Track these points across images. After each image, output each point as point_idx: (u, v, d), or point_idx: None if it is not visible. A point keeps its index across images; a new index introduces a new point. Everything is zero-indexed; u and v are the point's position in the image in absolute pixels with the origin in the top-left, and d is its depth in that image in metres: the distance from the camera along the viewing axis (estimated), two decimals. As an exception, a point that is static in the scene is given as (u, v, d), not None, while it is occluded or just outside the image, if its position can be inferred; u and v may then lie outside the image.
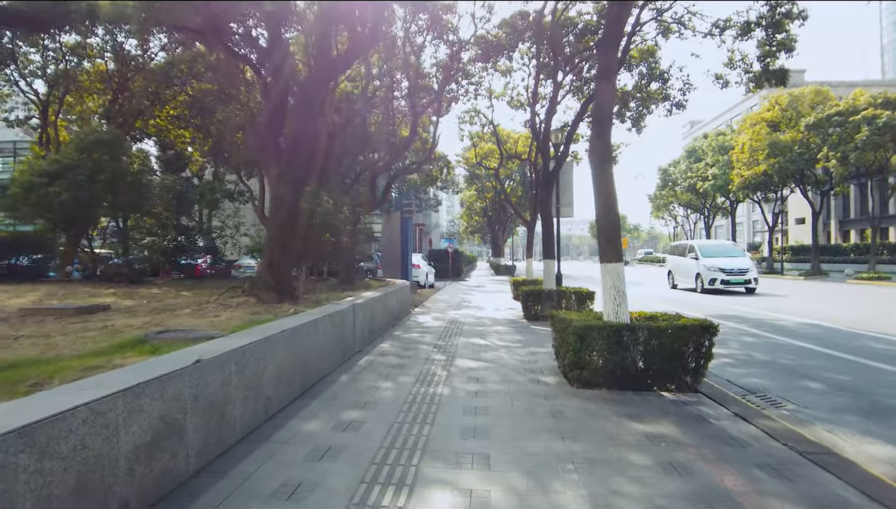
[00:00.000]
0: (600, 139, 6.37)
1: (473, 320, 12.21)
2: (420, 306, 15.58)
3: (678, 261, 23.73)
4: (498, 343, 8.96)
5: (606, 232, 6.40)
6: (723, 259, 21.10)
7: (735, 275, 20.34)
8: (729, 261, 20.83)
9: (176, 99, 21.31)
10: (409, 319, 12.38)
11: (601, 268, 6.51)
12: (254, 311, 7.34)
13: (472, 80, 19.95)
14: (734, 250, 22.81)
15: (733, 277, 20.31)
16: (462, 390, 5.75)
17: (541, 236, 14.37)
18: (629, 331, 5.87)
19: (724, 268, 20.43)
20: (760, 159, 34.75)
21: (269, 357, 4.65)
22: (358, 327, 7.92)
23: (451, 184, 38.92)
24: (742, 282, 20.28)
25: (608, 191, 6.39)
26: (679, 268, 23.43)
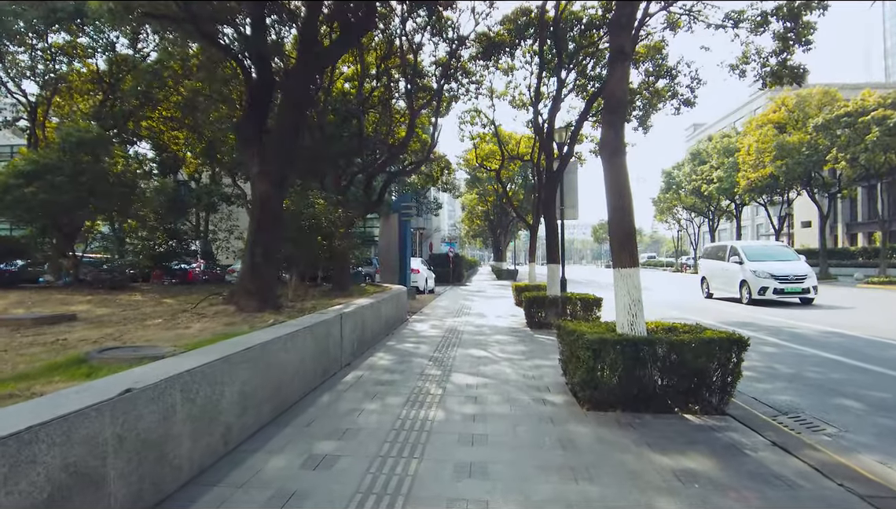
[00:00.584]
0: (612, 130, 5.69)
1: (473, 328, 11.52)
2: (418, 313, 14.89)
3: (715, 266, 20.29)
4: (499, 355, 8.26)
5: (619, 234, 5.72)
6: (774, 263, 17.72)
7: (791, 283, 16.92)
8: (782, 266, 17.46)
9: (168, 100, 20.72)
10: (405, 327, 11.69)
11: (614, 274, 5.83)
12: (229, 322, 6.66)
13: (473, 78, 19.30)
14: (787, 252, 19.31)
15: (789, 285, 16.90)
16: (457, 413, 5.05)
17: (544, 239, 13.72)
18: (647, 345, 5.18)
19: (776, 275, 17.04)
20: (767, 161, 34.08)
21: (229, 379, 3.97)
22: (346, 338, 7.23)
23: (451, 186, 38.26)
24: (799, 292, 16.92)
25: (621, 188, 5.71)
26: (717, 275, 20.03)
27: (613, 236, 5.76)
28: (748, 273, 17.58)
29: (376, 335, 9.34)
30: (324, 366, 6.29)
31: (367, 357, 7.91)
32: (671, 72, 15.34)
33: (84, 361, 3.97)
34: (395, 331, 10.90)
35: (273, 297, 7.69)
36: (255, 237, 7.73)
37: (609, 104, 5.78)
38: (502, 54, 18.23)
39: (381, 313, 9.74)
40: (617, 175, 5.67)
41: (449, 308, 16.44)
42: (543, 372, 7.03)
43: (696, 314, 14.89)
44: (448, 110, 20.68)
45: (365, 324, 8.41)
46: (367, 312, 8.56)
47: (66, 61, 21.68)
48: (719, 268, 19.75)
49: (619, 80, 5.68)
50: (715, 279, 20.08)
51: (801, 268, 17.54)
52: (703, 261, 22.16)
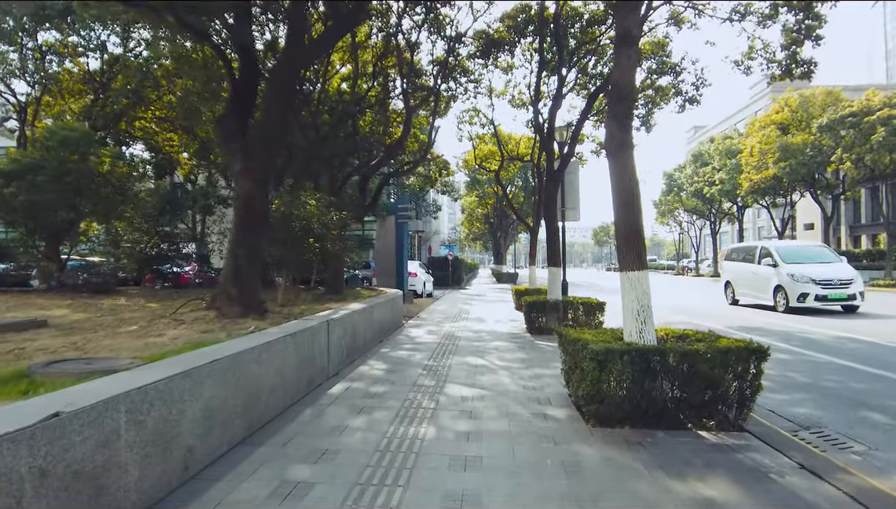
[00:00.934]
0: (618, 122, 5.25)
1: (471, 334, 11.07)
2: (415, 318, 14.44)
3: (742, 269, 18.19)
4: (497, 363, 7.80)
5: (626, 234, 5.27)
6: (814, 266, 15.69)
7: (835, 289, 14.94)
8: (823, 270, 15.43)
9: (161, 100, 20.30)
10: (400, 333, 11.24)
11: (620, 278, 5.37)
12: (206, 329, 6.22)
13: (472, 77, 18.89)
14: (826, 253, 17.26)
15: (832, 291, 14.91)
16: (450, 431, 4.59)
17: (544, 242, 13.28)
18: (658, 354, 4.73)
19: (818, 279, 15.01)
20: (770, 162, 33.67)
21: (191, 396, 3.52)
22: (334, 346, 6.78)
23: (451, 189, 37.86)
24: (843, 299, 15.01)
25: (628, 184, 5.26)
26: (744, 279, 17.96)
27: (620, 236, 5.31)
28: (784, 277, 15.63)
29: (369, 342, 8.89)
30: (308, 377, 5.83)
31: (357, 365, 7.45)
32: (675, 69, 14.92)
33: (25, 376, 3.53)
34: (389, 337, 10.45)
35: (257, 302, 7.24)
36: (239, 238, 7.28)
37: (615, 94, 5.34)
38: (501, 52, 17.83)
39: (373, 318, 9.29)
40: (623, 170, 5.23)
41: (447, 312, 15.99)
42: (544, 382, 6.57)
43: (700, 318, 14.44)
44: (446, 111, 20.27)
45: (356, 331, 7.96)
46: (358, 318, 8.11)
47: (56, 61, 21.32)
48: (748, 272, 17.74)
49: (625, 68, 5.24)
50: (742, 284, 18.15)
51: (846, 271, 15.59)
52: (728, 263, 19.82)
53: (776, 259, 16.36)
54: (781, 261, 16.19)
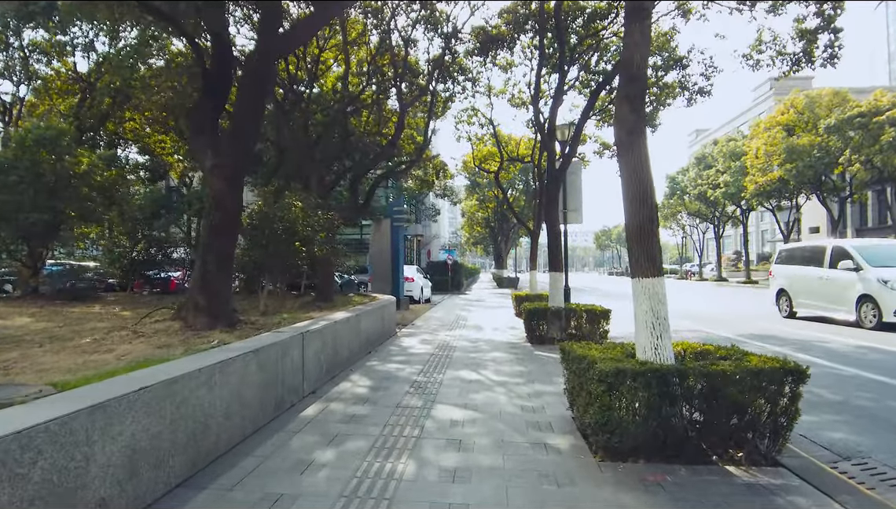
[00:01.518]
0: (629, 104, 4.57)
1: (467, 344, 10.36)
2: (409, 325, 13.73)
3: (804, 274, 14.90)
4: (493, 378, 7.10)
5: (639, 234, 4.58)
6: None
7: None
8: None
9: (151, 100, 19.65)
10: (392, 343, 10.54)
11: (633, 286, 4.68)
12: (164, 343, 5.53)
13: (470, 75, 18.24)
14: None
15: None
16: (433, 467, 3.89)
17: (545, 247, 12.61)
18: (678, 375, 4.03)
19: None
20: (776, 164, 32.96)
21: (104, 435, 2.83)
22: (310, 361, 6.08)
23: (450, 192, 37.19)
24: None
25: (640, 176, 4.58)
26: (807, 287, 14.68)
27: (631, 237, 4.63)
28: (873, 284, 12.47)
29: (354, 354, 8.18)
30: (276, 399, 5.13)
31: (338, 382, 6.75)
32: (682, 62, 14.23)
33: None
34: (378, 348, 9.75)
35: (227, 312, 6.56)
36: (208, 242, 6.61)
37: (626, 74, 4.66)
38: (500, 49, 17.19)
39: (360, 328, 8.59)
40: (635, 160, 4.54)
41: (443, 320, 15.28)
42: (545, 401, 5.87)
43: (708, 325, 13.73)
44: (444, 112, 19.64)
45: (338, 343, 7.27)
46: (341, 328, 7.41)
47: (45, 60, 20.74)
48: (813, 278, 14.51)
49: (637, 44, 4.56)
50: (804, 292, 14.79)
51: None
52: (781, 268, 16.22)
53: (858, 261, 13.24)
54: (866, 263, 13.08)
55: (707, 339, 11.87)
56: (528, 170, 39.86)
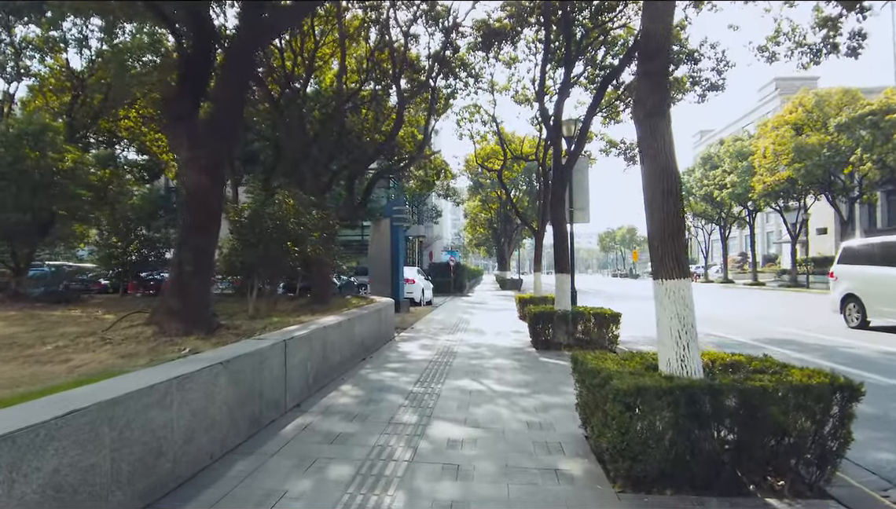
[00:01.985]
0: (650, 81, 4.01)
1: (469, 349, 9.79)
2: (409, 329, 13.17)
3: (882, 276, 12.31)
4: (496, 388, 6.53)
5: (662, 231, 4.02)
6: None
7: None
8: None
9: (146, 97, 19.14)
10: (389, 348, 9.98)
11: (655, 289, 4.12)
12: (130, 352, 4.98)
13: (472, 70, 17.69)
14: None
15: None
16: (427, 500, 3.33)
17: (548, 248, 12.05)
18: (709, 394, 3.46)
19: None
20: (783, 164, 32.32)
21: (10, 477, 2.27)
22: (294, 371, 5.53)
23: (452, 192, 36.63)
24: None
25: (665, 164, 4.02)
26: (888, 291, 12.14)
27: (654, 234, 4.06)
28: None
29: (347, 361, 7.62)
30: (252, 415, 4.58)
31: (327, 392, 6.19)
32: (693, 56, 13.64)
33: None
34: (374, 354, 9.19)
35: (204, 316, 6.00)
36: (184, 240, 6.06)
37: (646, 47, 4.10)
38: (504, 43, 16.65)
39: (354, 333, 8.03)
40: (658, 146, 3.98)
41: (445, 323, 14.71)
42: (554, 416, 5.30)
43: (721, 328, 13.12)
44: (445, 109, 19.08)
45: (328, 349, 6.71)
46: (332, 334, 6.85)
47: (37, 57, 20.28)
48: None
49: (659, 13, 4.00)
50: (883, 298, 12.27)
51: None
52: (848, 269, 13.51)
53: None
54: None
55: (722, 344, 11.31)
56: (531, 170, 39.28)
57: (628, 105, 17.65)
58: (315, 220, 10.22)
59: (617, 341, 9.79)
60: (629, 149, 18.62)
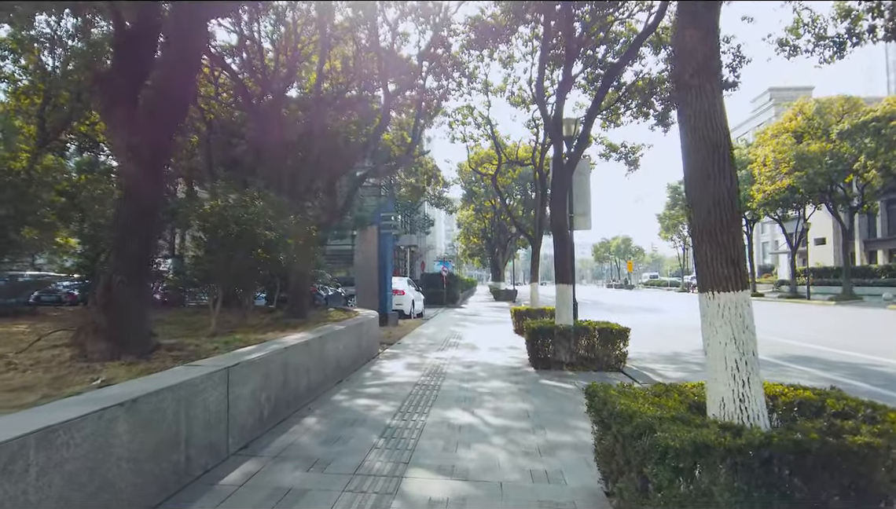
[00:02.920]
0: (696, 25, 3.03)
1: (460, 369, 8.74)
2: (395, 344, 12.10)
3: None
4: (490, 421, 5.49)
5: (710, 221, 3.02)
6: None
7: None
8: None
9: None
10: (370, 367, 8.93)
11: (702, 304, 3.11)
12: (26, 383, 3.89)
13: (465, 69, 16.77)
14: None
15: None
16: None
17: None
18: (791, 452, 2.45)
19: None
20: (784, 172, 31.53)
21: None
22: (242, 405, 4.48)
23: (445, 201, 35.66)
24: None
25: (713, 136, 3.03)
26: None
27: (701, 227, 3.05)
28: None
29: (318, 385, 6.57)
30: (175, 466, 3.52)
31: (287, 427, 5.14)
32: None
33: None
34: (353, 375, 8.13)
35: (138, 335, 4.94)
36: (117, 243, 5.02)
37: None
38: (499, 41, 15.78)
39: (326, 353, 6.97)
40: (706, 111, 3.00)
41: (435, 337, 13.64)
42: (563, 462, 4.26)
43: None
44: (437, 111, 18.14)
45: (290, 374, 5.66)
46: (295, 355, 5.80)
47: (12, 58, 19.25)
48: None
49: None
50: None
51: None
52: None
53: None
54: None
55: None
56: (526, 178, 38.38)
57: (629, 107, 16.79)
58: (291, 226, 9.20)
59: (625, 360, 8.78)
60: (631, 153, 17.71)
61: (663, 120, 15.51)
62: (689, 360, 10.25)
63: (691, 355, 10.92)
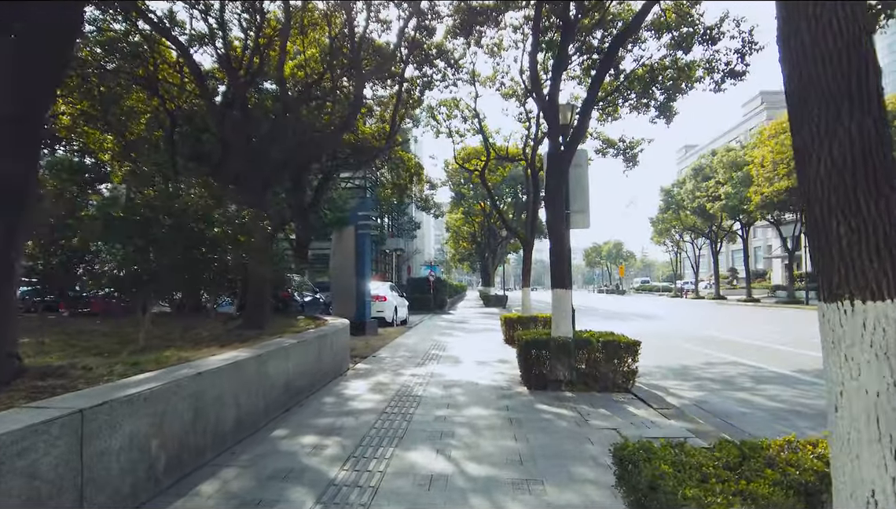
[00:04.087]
0: None
1: (438, 392, 7.39)
2: (369, 358, 10.73)
3: None
4: (470, 471, 4.14)
5: (849, 183, 1.72)
6: None
7: None
8: None
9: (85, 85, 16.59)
10: (333, 388, 7.57)
11: (825, 321, 1.80)
12: None
13: (451, 58, 15.51)
14: None
15: None
16: None
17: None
18: None
19: None
20: (782, 174, 30.48)
21: None
22: (108, 463, 3.12)
23: (432, 204, 34.36)
24: None
25: (849, 27, 1.74)
26: None
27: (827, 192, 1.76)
28: None
29: (251, 421, 5.19)
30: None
31: (192, 485, 3.77)
32: (710, 34, 11.50)
33: None
34: (308, 400, 6.77)
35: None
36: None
37: None
38: (487, 26, 14.53)
39: (269, 376, 5.60)
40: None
41: (416, 349, 12.28)
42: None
43: (742, 354, 10.86)
44: (419, 102, 16.85)
45: (209, 408, 4.30)
46: (217, 383, 4.44)
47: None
48: None
49: None
50: None
51: None
52: None
53: None
54: None
55: (759, 377, 9.09)
56: (517, 180, 37.14)
57: (628, 98, 15.57)
58: (244, 221, 7.85)
59: (634, 378, 7.48)
60: (629, 149, 16.48)
61: (665, 110, 14.31)
62: (702, 376, 8.97)
63: (702, 370, 9.65)
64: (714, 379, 8.74)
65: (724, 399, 7.28)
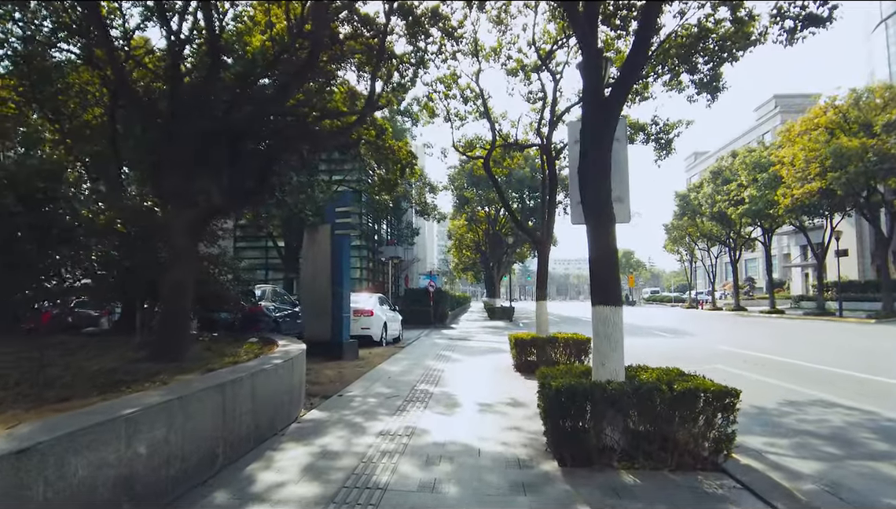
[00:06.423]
0: None
1: (415, 474, 4.63)
2: (332, 399, 7.94)
3: None
4: None
5: None
6: None
7: None
8: None
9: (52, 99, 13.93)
10: (240, 470, 4.82)
11: None
12: None
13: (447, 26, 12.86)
14: None
15: None
16: None
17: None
18: None
19: None
20: (813, 174, 27.67)
21: None
22: None
23: (431, 208, 31.70)
24: None
25: None
26: None
27: None
28: None
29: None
30: None
31: None
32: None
33: None
34: (192, 494, 4.04)
35: None
36: None
37: None
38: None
39: (108, 462, 2.86)
40: None
41: (400, 382, 9.49)
42: None
43: (778, 375, 8.01)
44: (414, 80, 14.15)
45: None
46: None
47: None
48: None
49: None
50: None
51: None
52: None
53: None
54: None
55: (876, 425, 6.37)
56: (522, 184, 34.48)
57: (661, 74, 12.86)
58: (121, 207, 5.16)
59: (730, 448, 4.71)
60: (663, 133, 13.74)
61: (713, 81, 11.57)
62: (797, 428, 6.16)
63: (788, 414, 6.85)
64: (818, 434, 5.96)
65: (863, 477, 4.57)
